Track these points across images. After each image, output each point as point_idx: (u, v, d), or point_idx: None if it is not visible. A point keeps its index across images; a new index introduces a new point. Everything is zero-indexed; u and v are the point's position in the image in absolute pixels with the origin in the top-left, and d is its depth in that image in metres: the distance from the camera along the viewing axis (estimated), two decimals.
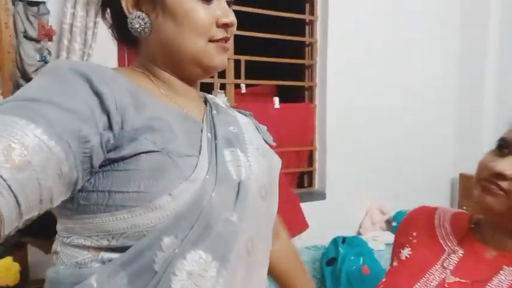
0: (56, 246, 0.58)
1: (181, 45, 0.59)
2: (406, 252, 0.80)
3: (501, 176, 0.67)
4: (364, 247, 1.85)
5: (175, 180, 0.51)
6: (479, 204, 0.72)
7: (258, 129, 0.75)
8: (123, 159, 0.50)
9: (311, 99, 2.41)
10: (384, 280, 0.79)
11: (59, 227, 0.57)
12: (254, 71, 2.26)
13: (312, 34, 2.36)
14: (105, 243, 0.51)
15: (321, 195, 2.36)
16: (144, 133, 0.51)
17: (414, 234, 0.82)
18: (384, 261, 1.86)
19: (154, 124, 0.52)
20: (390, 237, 2.29)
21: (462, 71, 2.70)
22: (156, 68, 0.63)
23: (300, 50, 2.42)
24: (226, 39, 0.62)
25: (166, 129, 0.53)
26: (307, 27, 2.38)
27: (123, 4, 0.59)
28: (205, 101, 0.70)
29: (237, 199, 0.56)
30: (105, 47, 1.76)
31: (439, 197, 2.76)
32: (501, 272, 0.68)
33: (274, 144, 0.76)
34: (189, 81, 0.65)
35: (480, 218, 0.79)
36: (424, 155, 2.63)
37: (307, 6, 2.36)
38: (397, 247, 0.84)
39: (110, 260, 0.51)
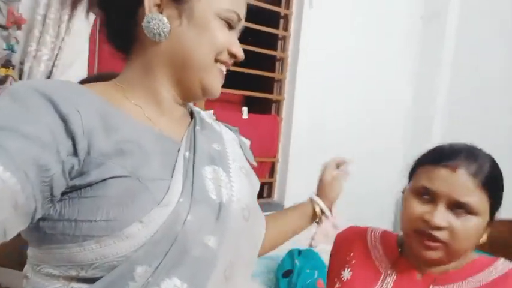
0: (27, 271, 0.55)
1: (194, 58, 0.59)
2: (347, 274, 0.85)
3: (438, 228, 0.72)
4: (318, 260, 1.94)
5: (146, 206, 0.49)
6: (418, 255, 0.76)
7: (241, 146, 0.75)
8: (89, 185, 0.47)
9: (278, 111, 2.48)
10: None
11: (29, 252, 0.54)
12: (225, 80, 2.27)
13: (283, 49, 2.42)
14: (74, 273, 0.49)
15: (278, 207, 2.42)
16: (113, 157, 0.49)
17: (351, 254, 0.87)
18: None
19: (124, 147, 0.50)
20: None
21: (415, 100, 2.90)
22: (149, 79, 0.60)
23: (270, 63, 2.47)
24: (227, 66, 0.64)
25: (137, 152, 0.51)
26: (279, 42, 2.44)
27: (146, 2, 0.57)
28: (191, 114, 0.69)
29: (217, 221, 0.54)
30: (77, 42, 1.71)
31: (385, 211, 2.94)
32: None
33: (254, 164, 0.76)
34: (181, 98, 0.64)
35: (406, 240, 0.84)
36: (373, 172, 2.79)
37: (282, 21, 2.43)
38: (336, 267, 0.88)
39: None
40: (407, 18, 2.78)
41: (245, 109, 2.31)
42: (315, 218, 0.90)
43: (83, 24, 1.68)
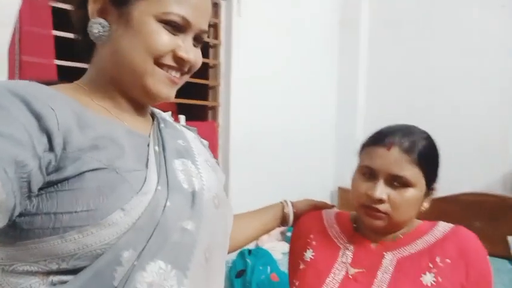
0: None
1: (131, 61, 0.59)
2: (309, 254, 0.91)
3: (380, 201, 0.82)
4: (268, 257, 2.01)
5: (126, 194, 0.51)
6: (367, 225, 0.87)
7: (202, 143, 0.79)
8: (66, 179, 0.49)
9: (214, 117, 2.51)
10: (297, 283, 0.88)
11: None
12: None
13: (215, 56, 2.48)
14: (54, 267, 0.50)
15: None
16: (88, 152, 0.51)
17: (311, 236, 0.94)
18: (284, 268, 2.05)
19: (99, 143, 0.52)
20: (285, 246, 2.51)
21: (339, 101, 3.14)
22: (102, 82, 0.62)
23: (203, 71, 2.51)
24: (175, 69, 0.62)
25: (111, 146, 0.54)
26: (211, 50, 2.49)
27: (89, 8, 0.59)
28: (152, 116, 0.71)
29: (192, 208, 0.58)
30: None
31: None
32: (384, 257, 0.85)
33: (214, 160, 0.80)
34: (133, 102, 0.65)
35: (357, 216, 0.94)
36: (309, 172, 2.96)
37: (212, 30, 2.48)
38: (297, 250, 0.95)
39: (61, 283, 0.50)
40: (325, 23, 3.01)
41: (182, 117, 2.31)
42: (284, 219, 0.98)
43: (2, 34, 1.57)
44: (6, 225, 0.47)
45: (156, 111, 0.74)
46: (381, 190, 0.82)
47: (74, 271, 0.50)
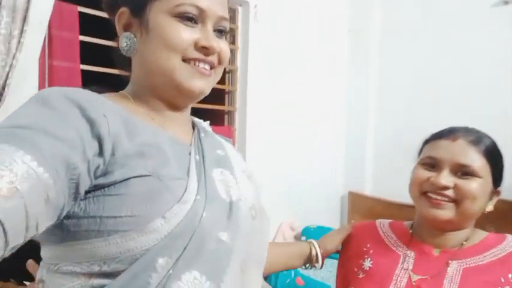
0: (42, 274, 0.56)
1: (157, 63, 0.59)
2: (368, 263, 0.89)
3: (445, 188, 0.78)
4: None
5: (168, 203, 0.52)
6: (427, 216, 0.82)
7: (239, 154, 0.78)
8: (113, 184, 0.50)
9: (230, 122, 2.53)
10: None
11: (45, 254, 0.55)
12: None
13: (233, 62, 2.50)
14: (96, 269, 0.51)
15: None
16: (135, 159, 0.52)
17: (368, 245, 0.92)
18: (305, 273, 2.06)
19: (145, 150, 0.54)
20: None
21: (349, 108, 3.17)
22: (141, 91, 0.63)
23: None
24: (204, 62, 0.61)
25: (157, 154, 0.55)
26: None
27: (117, 26, 0.63)
28: (193, 125, 0.71)
29: (229, 219, 0.58)
30: (31, 57, 1.60)
31: (332, 212, 3.14)
32: (450, 266, 0.81)
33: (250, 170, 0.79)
34: (172, 105, 0.65)
35: (412, 223, 0.92)
36: (320, 177, 2.98)
37: (228, 35, 2.50)
38: (354, 260, 0.92)
39: (101, 286, 0.50)
40: (335, 32, 3.05)
41: (206, 122, 2.32)
42: (309, 259, 0.94)
43: (34, 39, 1.58)
44: (53, 226, 0.48)
45: (197, 120, 0.75)
46: (447, 177, 0.78)
47: (114, 274, 0.51)
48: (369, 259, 0.89)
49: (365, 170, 3.08)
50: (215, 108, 2.49)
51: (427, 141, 0.88)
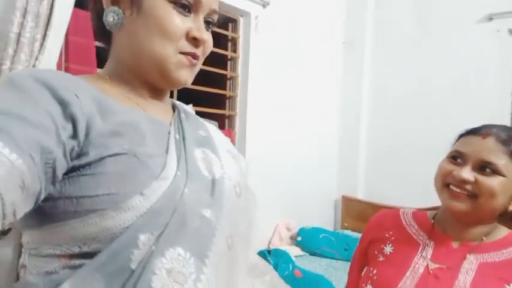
0: (23, 260, 0.55)
1: (150, 48, 0.58)
2: (389, 248, 0.91)
3: (465, 182, 0.80)
4: (287, 256, 2.13)
5: (146, 179, 0.51)
6: (447, 208, 0.84)
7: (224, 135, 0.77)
8: (88, 164, 0.49)
9: (230, 126, 2.66)
10: (375, 271, 0.89)
11: (24, 239, 0.55)
12: (181, 98, 2.39)
13: (234, 69, 2.64)
14: (76, 250, 0.50)
15: None
16: (110, 138, 0.51)
17: (390, 232, 0.94)
18: (302, 267, 2.16)
19: (120, 129, 0.52)
20: (295, 250, 2.64)
21: (342, 115, 3.32)
22: (122, 70, 0.62)
23: (221, 82, 2.66)
24: (193, 56, 0.61)
25: (133, 132, 0.53)
26: (229, 62, 2.65)
27: None
28: (173, 107, 0.70)
29: (211, 196, 0.57)
30: (50, 60, 1.71)
31: (326, 215, 3.27)
32: (466, 259, 0.83)
33: (236, 150, 0.80)
34: (153, 89, 0.64)
35: (435, 213, 0.94)
36: (316, 182, 3.11)
37: (230, 44, 2.64)
38: (374, 244, 0.95)
39: (82, 265, 0.49)
40: (330, 43, 3.21)
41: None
42: None
43: (53, 43, 1.70)
44: (31, 210, 0.47)
45: (177, 102, 0.73)
46: (468, 172, 0.80)
47: (96, 254, 0.50)
48: (390, 245, 0.92)
49: (357, 176, 3.22)
50: (217, 113, 2.61)
51: (460, 136, 0.90)
